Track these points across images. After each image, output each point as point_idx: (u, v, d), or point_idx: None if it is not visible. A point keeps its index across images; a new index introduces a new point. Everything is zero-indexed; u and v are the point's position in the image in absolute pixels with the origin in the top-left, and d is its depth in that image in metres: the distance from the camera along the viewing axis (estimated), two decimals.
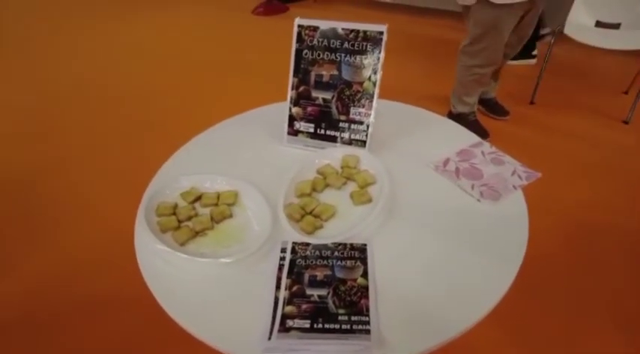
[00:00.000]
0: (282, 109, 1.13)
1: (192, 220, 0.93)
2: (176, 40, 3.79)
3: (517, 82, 2.89)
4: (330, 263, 0.81)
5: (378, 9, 4.14)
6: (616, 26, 2.49)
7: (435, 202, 0.96)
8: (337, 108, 1.08)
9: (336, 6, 4.37)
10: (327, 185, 1.00)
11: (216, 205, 0.96)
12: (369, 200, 0.95)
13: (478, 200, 0.95)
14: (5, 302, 1.64)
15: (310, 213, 0.92)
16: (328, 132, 1.10)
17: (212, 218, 0.93)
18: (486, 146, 1.11)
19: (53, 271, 1.74)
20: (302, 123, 1.12)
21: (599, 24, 2.53)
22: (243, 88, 2.95)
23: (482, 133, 2.32)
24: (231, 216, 0.94)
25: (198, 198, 0.98)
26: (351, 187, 1.00)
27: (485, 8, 1.98)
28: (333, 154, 1.06)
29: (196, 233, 0.90)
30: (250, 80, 3.05)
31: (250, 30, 3.99)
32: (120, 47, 3.67)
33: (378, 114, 1.06)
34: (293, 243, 0.85)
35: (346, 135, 1.09)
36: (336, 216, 0.92)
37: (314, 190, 0.98)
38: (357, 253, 0.83)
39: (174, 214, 0.95)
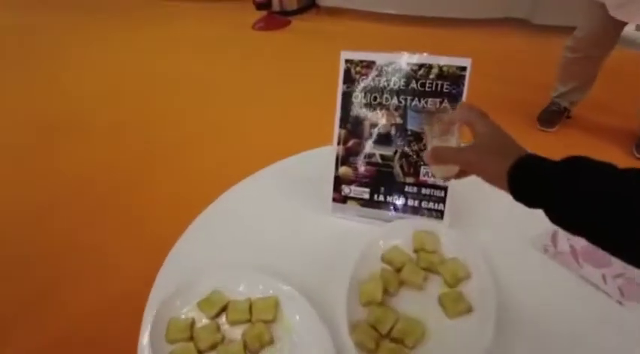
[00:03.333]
0: (321, 160, 0.86)
1: (219, 351, 0.65)
2: (173, 61, 3.53)
3: None
4: None
5: (385, 22, 3.88)
6: None
7: (557, 308, 0.68)
8: (402, 168, 0.81)
9: (341, 19, 4.11)
10: (401, 283, 0.72)
11: (250, 321, 0.68)
12: (469, 309, 0.67)
13: (619, 302, 0.67)
14: None
15: (388, 335, 0.64)
16: (389, 199, 0.82)
17: (245, 347, 0.65)
18: None
19: None
20: (353, 187, 0.84)
21: None
22: (252, 118, 2.66)
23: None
24: (272, 342, 0.66)
25: (223, 309, 0.70)
26: (435, 283, 0.72)
27: None
28: (400, 231, 0.78)
29: None
30: (260, 108, 2.76)
31: (252, 47, 3.73)
32: (110, 70, 3.40)
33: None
34: None
35: (415, 203, 0.81)
36: (425, 337, 0.64)
37: (385, 292, 0.70)
38: None
39: (191, 338, 0.67)
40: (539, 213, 0.82)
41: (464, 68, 0.74)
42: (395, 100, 0.79)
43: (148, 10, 4.76)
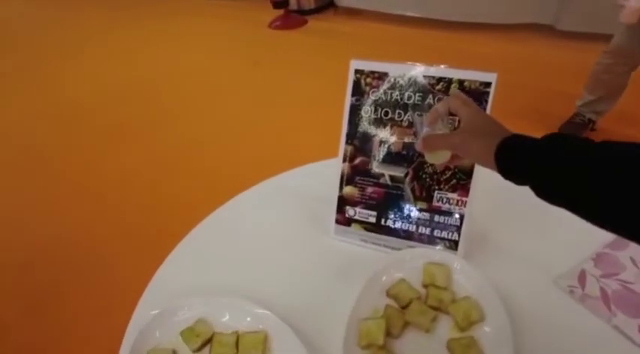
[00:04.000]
0: (324, 175, 0.79)
1: None
2: (189, 59, 3.49)
3: None
4: None
5: (405, 24, 3.77)
6: None
7: None
8: (413, 191, 0.73)
9: (359, 20, 4.02)
10: (407, 323, 0.64)
11: None
12: None
13: None
14: None
15: None
16: (398, 225, 0.75)
17: None
18: (635, 248, 0.74)
19: None
20: (358, 209, 0.76)
21: None
22: (262, 120, 2.59)
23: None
24: None
25: (208, 341, 0.64)
26: (444, 325, 0.64)
27: None
28: (408, 262, 0.71)
29: None
30: (270, 110, 2.69)
31: (268, 46, 3.67)
32: (121, 67, 3.37)
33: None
34: None
35: (426, 231, 0.74)
36: None
37: (388, 334, 0.62)
38: None
39: None
40: (566, 249, 0.74)
41: (488, 84, 0.66)
42: (408, 117, 0.71)
43: (163, 6, 4.74)
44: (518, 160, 0.49)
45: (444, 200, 0.71)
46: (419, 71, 0.70)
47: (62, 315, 1.49)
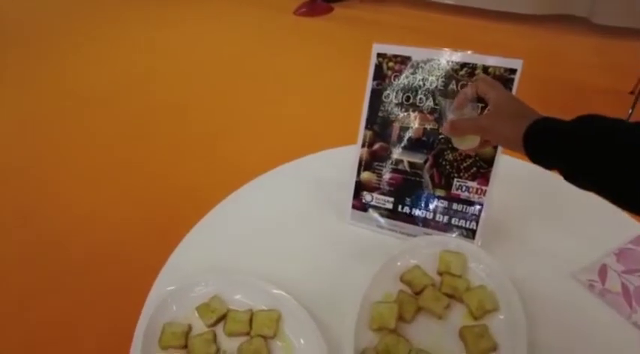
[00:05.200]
0: (342, 161, 0.78)
1: None
2: (211, 44, 3.50)
3: None
4: None
5: (433, 11, 3.70)
6: None
7: (594, 351, 0.59)
8: (432, 178, 0.72)
9: (387, 7, 3.95)
10: (419, 309, 0.64)
11: (248, 334, 0.63)
12: (494, 347, 0.58)
13: None
14: None
15: None
16: (415, 211, 0.74)
17: None
18: None
19: None
20: (375, 195, 0.76)
21: None
22: (287, 112, 2.59)
23: None
24: None
25: (222, 317, 0.65)
26: (458, 313, 0.64)
27: None
28: (424, 249, 0.70)
29: None
30: (296, 101, 2.69)
31: (293, 33, 3.66)
32: (145, 52, 3.40)
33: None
34: None
35: (444, 219, 0.73)
36: None
37: (400, 318, 0.62)
38: None
39: (185, 347, 0.62)
40: (586, 244, 0.72)
41: (513, 71, 0.65)
42: (430, 102, 0.70)
43: None
44: (548, 142, 0.48)
45: (464, 188, 0.71)
46: (443, 56, 0.68)
47: (83, 292, 1.55)
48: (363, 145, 0.76)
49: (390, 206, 0.76)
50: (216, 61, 3.20)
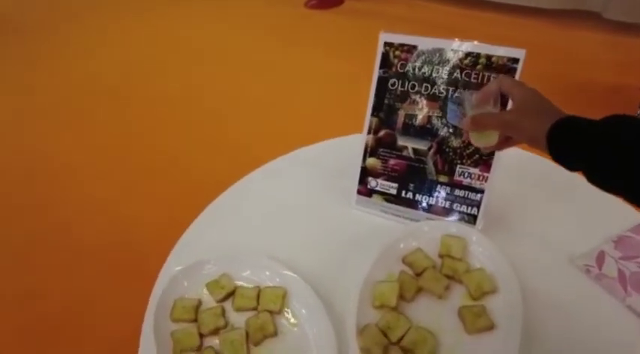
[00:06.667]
0: (349, 149, 0.81)
1: (220, 338, 0.62)
2: (222, 35, 3.53)
3: None
4: None
5: (449, 3, 3.66)
6: None
7: (593, 338, 0.61)
8: (435, 164, 0.74)
9: (396, 1, 3.95)
10: (420, 289, 0.66)
11: (255, 309, 0.66)
12: (491, 326, 0.61)
13: None
14: None
15: (398, 343, 0.59)
16: (418, 197, 0.76)
17: (248, 336, 0.62)
18: None
19: None
20: (380, 181, 0.79)
21: None
22: (297, 102, 2.62)
23: None
24: (275, 334, 0.63)
25: (231, 294, 0.68)
26: (457, 294, 0.66)
27: None
28: (426, 233, 0.73)
29: None
30: (305, 95, 2.71)
31: (301, 25, 3.67)
32: (151, 41, 3.43)
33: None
34: None
35: (446, 204, 0.75)
36: (438, 351, 0.59)
37: (401, 297, 0.65)
38: None
39: (195, 319, 0.65)
40: (585, 232, 0.74)
41: (516, 60, 0.66)
42: (435, 91, 0.72)
43: None
44: (574, 141, 0.46)
45: (466, 175, 0.73)
46: (448, 45, 0.70)
47: (98, 273, 1.60)
48: (369, 132, 0.78)
49: (394, 192, 0.78)
50: (227, 52, 3.22)
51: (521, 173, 0.83)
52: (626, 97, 2.26)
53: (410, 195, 0.77)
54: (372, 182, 0.79)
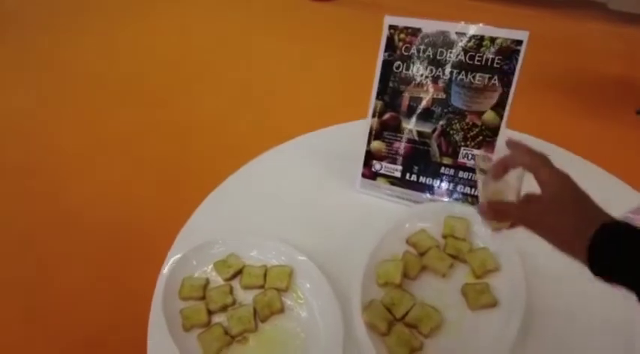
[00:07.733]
0: (353, 134, 0.82)
1: (228, 314, 0.64)
2: (224, 26, 3.53)
3: None
4: None
5: None
6: None
7: (595, 318, 0.62)
8: (440, 147, 0.75)
9: None
10: (424, 268, 0.67)
11: (263, 287, 0.67)
12: (494, 303, 0.62)
13: None
14: None
15: (402, 319, 0.61)
16: (422, 179, 0.77)
17: (255, 312, 0.64)
18: None
19: None
20: (384, 164, 0.80)
21: None
22: (300, 92, 2.63)
23: None
24: (282, 311, 0.64)
25: (238, 272, 0.70)
26: (460, 272, 0.67)
27: None
28: (430, 214, 0.74)
29: (232, 338, 0.61)
30: (309, 83, 2.72)
31: (304, 15, 3.66)
32: (154, 34, 3.43)
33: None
34: None
35: (449, 186, 0.76)
36: (442, 326, 0.61)
37: (405, 275, 0.66)
38: None
39: (203, 297, 0.66)
40: None
41: (519, 42, 0.67)
42: (440, 73, 0.73)
43: None
44: (623, 254, 0.38)
45: (470, 157, 0.74)
46: (452, 28, 0.71)
47: (108, 254, 1.64)
48: (373, 116, 0.79)
49: (398, 174, 0.79)
50: (230, 43, 3.22)
51: None
52: (631, 87, 2.25)
53: (414, 177, 0.78)
54: (377, 165, 0.80)
